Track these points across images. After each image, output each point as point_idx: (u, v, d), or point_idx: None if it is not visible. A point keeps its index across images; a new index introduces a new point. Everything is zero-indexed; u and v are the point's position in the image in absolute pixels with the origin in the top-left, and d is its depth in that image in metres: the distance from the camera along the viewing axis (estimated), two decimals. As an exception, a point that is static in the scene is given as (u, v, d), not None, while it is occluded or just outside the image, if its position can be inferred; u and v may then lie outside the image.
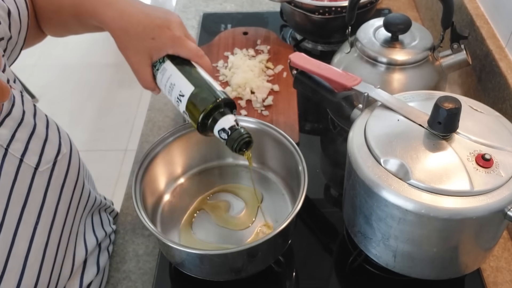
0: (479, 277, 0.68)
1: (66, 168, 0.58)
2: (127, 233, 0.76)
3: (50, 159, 0.56)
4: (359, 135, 0.59)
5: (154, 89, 0.64)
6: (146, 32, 0.60)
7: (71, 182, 0.59)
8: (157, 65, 0.62)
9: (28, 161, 0.53)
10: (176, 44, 0.61)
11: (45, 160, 0.55)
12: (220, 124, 0.57)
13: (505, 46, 0.80)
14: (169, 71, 0.60)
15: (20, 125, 0.52)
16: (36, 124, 0.55)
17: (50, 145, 0.56)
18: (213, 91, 0.58)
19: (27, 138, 0.53)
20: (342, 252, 0.72)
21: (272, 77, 0.97)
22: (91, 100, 2.45)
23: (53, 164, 0.56)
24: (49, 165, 0.55)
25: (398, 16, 0.76)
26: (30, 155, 0.53)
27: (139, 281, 0.70)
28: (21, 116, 0.53)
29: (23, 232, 0.51)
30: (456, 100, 0.53)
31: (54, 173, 0.56)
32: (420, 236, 0.55)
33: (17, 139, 0.52)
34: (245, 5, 1.25)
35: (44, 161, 0.55)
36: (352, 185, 0.59)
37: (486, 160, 0.52)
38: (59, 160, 0.57)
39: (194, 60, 0.62)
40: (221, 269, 0.63)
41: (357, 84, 0.65)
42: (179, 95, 0.59)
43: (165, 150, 0.71)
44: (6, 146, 0.50)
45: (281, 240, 0.64)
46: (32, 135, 0.54)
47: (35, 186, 0.53)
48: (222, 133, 0.57)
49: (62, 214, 0.57)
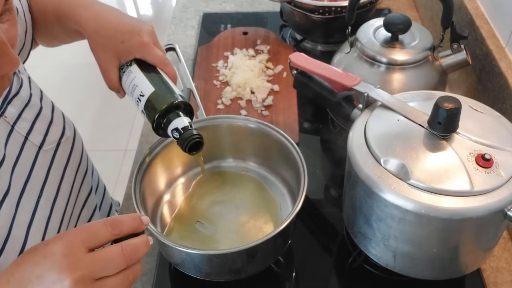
0: (479, 277, 0.68)
1: (70, 151, 0.63)
2: (127, 233, 0.76)
3: (54, 140, 0.60)
4: (359, 135, 0.59)
5: (119, 91, 0.66)
6: (116, 35, 0.62)
7: (74, 164, 0.63)
8: (124, 68, 0.64)
9: (32, 139, 0.56)
10: (144, 49, 0.62)
11: (49, 140, 0.59)
12: (174, 124, 0.59)
13: (505, 46, 0.80)
14: (134, 73, 0.63)
15: (27, 105, 0.56)
16: (42, 107, 0.60)
17: (54, 128, 0.60)
18: (171, 93, 0.61)
19: (33, 118, 0.57)
20: (342, 253, 0.72)
21: (272, 77, 0.97)
22: (91, 100, 2.45)
23: (57, 145, 0.60)
24: (53, 145, 0.59)
25: (398, 16, 0.76)
26: (35, 134, 0.57)
27: (139, 281, 0.70)
28: (29, 98, 0.57)
29: (26, 204, 0.54)
30: (456, 100, 0.53)
31: (58, 153, 0.60)
32: (420, 236, 0.55)
33: (24, 119, 0.56)
34: (245, 5, 1.25)
35: (48, 141, 0.59)
36: (352, 185, 0.59)
37: (486, 160, 0.52)
38: (63, 142, 0.61)
39: (159, 66, 0.63)
40: (221, 270, 0.63)
41: (357, 84, 0.65)
42: (139, 95, 0.61)
43: (165, 150, 0.71)
44: (12, 124, 0.54)
45: (281, 240, 0.64)
46: (38, 116, 0.58)
47: (38, 163, 0.57)
48: (175, 132, 0.59)
49: (65, 192, 0.61)
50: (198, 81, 0.97)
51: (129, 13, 3.42)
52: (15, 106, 0.55)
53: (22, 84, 0.57)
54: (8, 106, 0.54)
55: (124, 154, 2.16)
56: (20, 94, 0.56)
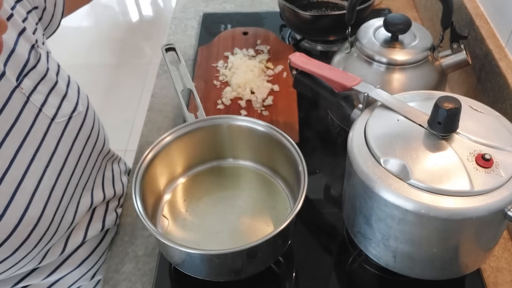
0: (479, 277, 0.68)
1: (80, 125, 0.65)
2: (126, 234, 0.76)
3: (66, 113, 0.62)
4: (359, 135, 0.59)
5: None
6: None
7: (83, 139, 0.66)
8: None
9: (46, 111, 0.59)
10: None
11: (61, 114, 0.62)
12: None
13: (505, 45, 0.80)
14: None
15: (43, 79, 0.60)
16: (58, 81, 0.62)
17: (68, 102, 0.63)
18: None
19: (47, 91, 0.60)
20: (342, 253, 0.72)
21: (272, 77, 0.97)
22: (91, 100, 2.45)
23: (69, 118, 0.63)
24: (65, 118, 0.62)
25: (398, 16, 0.76)
26: (48, 107, 0.60)
27: (139, 282, 0.70)
28: (45, 72, 0.60)
29: (32, 172, 0.57)
30: (456, 100, 0.53)
31: (68, 127, 0.63)
32: (420, 236, 0.55)
33: (39, 91, 0.59)
34: (245, 5, 1.25)
35: (61, 114, 0.61)
36: (352, 185, 0.59)
37: (486, 160, 0.52)
38: (74, 116, 0.64)
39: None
40: (221, 270, 0.63)
41: (357, 84, 0.64)
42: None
43: (165, 150, 0.71)
44: (28, 95, 0.57)
45: (281, 240, 0.64)
46: (52, 90, 0.61)
47: (50, 134, 0.60)
48: None
49: (70, 165, 0.63)
50: (198, 81, 0.97)
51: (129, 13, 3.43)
52: (31, 78, 0.58)
53: (40, 59, 0.60)
54: (25, 78, 0.57)
55: (124, 154, 2.16)
56: (37, 68, 0.59)
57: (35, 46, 0.60)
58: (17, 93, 0.56)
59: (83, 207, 0.68)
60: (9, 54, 0.56)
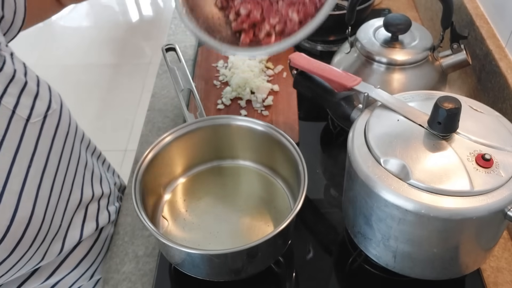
0: (479, 277, 0.68)
1: (57, 123, 0.64)
2: (126, 234, 0.76)
3: (41, 112, 0.61)
4: (359, 135, 0.59)
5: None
6: None
7: (62, 135, 0.65)
8: None
9: (20, 113, 0.58)
10: None
11: (36, 113, 0.60)
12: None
13: (505, 46, 0.80)
14: None
15: (11, 81, 0.58)
16: (27, 81, 0.61)
17: (40, 101, 0.62)
18: None
19: (18, 93, 0.59)
20: (342, 253, 0.72)
21: (272, 77, 0.97)
22: (91, 100, 2.45)
23: (44, 117, 0.62)
24: (40, 118, 0.61)
25: (398, 16, 0.76)
26: (21, 108, 0.59)
27: (139, 282, 0.70)
28: (13, 73, 0.59)
29: (16, 173, 0.57)
30: (456, 100, 0.53)
31: (45, 126, 0.62)
32: (420, 236, 0.55)
33: (9, 93, 0.58)
34: (245, 5, 1.25)
35: (35, 114, 0.60)
36: (352, 185, 0.59)
37: (486, 160, 0.52)
38: (49, 114, 0.63)
39: None
40: (221, 270, 0.63)
41: (357, 84, 0.64)
42: None
43: (165, 150, 0.71)
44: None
45: (281, 240, 0.64)
46: (23, 91, 0.60)
47: (27, 135, 0.59)
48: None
49: (53, 162, 0.63)
50: (198, 81, 0.97)
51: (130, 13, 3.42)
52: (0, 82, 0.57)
53: (5, 61, 0.59)
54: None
55: (124, 154, 2.16)
56: (3, 70, 0.58)
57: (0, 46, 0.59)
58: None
59: (73, 204, 0.67)
60: None
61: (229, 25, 0.66)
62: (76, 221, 0.69)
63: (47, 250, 0.64)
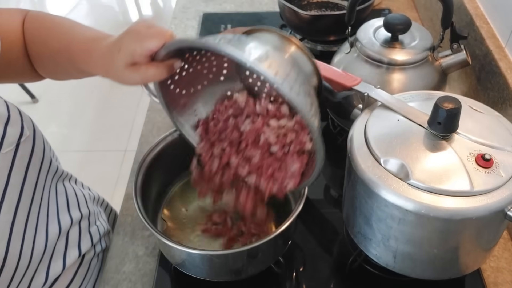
0: (479, 277, 0.68)
1: (30, 150, 0.59)
2: (127, 234, 0.76)
3: (13, 141, 0.56)
4: (359, 135, 0.59)
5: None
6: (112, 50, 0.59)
7: (37, 163, 0.60)
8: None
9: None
10: (140, 41, 0.55)
11: (7, 142, 0.55)
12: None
13: (504, 46, 0.80)
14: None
15: None
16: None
17: (12, 127, 0.56)
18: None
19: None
20: (342, 253, 0.72)
21: (272, 77, 0.97)
22: (91, 100, 2.45)
23: (16, 145, 0.56)
24: (12, 147, 0.55)
25: (398, 17, 0.76)
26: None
27: (139, 282, 0.70)
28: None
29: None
30: (456, 100, 0.53)
31: (18, 155, 0.56)
32: (420, 236, 0.55)
33: None
34: (245, 5, 1.25)
35: (7, 143, 0.55)
36: (352, 185, 0.59)
37: (486, 160, 0.52)
38: (22, 142, 0.57)
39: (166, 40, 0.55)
40: (222, 270, 0.63)
41: (357, 84, 0.65)
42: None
43: (165, 150, 0.71)
44: None
45: (281, 241, 0.64)
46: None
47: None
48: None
49: (28, 193, 0.58)
50: (198, 81, 0.97)
51: (129, 13, 3.41)
52: None
53: None
54: None
55: (124, 154, 2.16)
56: None
57: None
58: None
59: (53, 234, 0.64)
60: None
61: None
62: (58, 250, 0.66)
63: (30, 283, 0.61)
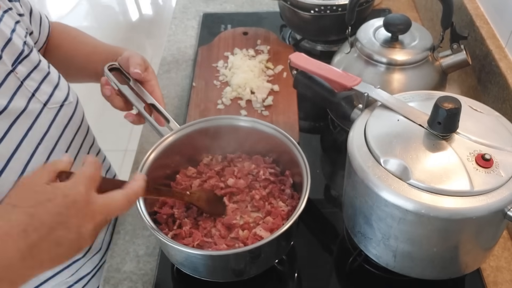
0: (479, 276, 0.68)
1: (71, 114, 0.69)
2: (127, 233, 0.76)
3: (58, 101, 0.67)
4: (359, 135, 0.59)
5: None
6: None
7: (74, 127, 0.70)
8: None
9: (39, 97, 0.64)
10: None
11: (53, 101, 0.66)
12: None
13: (505, 46, 0.80)
14: None
15: (36, 68, 0.65)
16: (50, 72, 0.68)
17: (59, 91, 0.67)
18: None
19: (40, 79, 0.65)
20: (342, 252, 0.72)
21: (272, 77, 0.97)
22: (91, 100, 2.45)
23: (60, 106, 0.67)
24: (57, 105, 0.66)
25: (398, 17, 0.76)
26: (41, 93, 0.64)
27: (140, 281, 0.70)
28: (38, 62, 0.66)
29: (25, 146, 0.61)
30: (456, 100, 0.53)
31: (60, 113, 0.67)
32: (420, 236, 0.55)
33: (32, 78, 0.63)
34: (245, 5, 1.25)
35: (53, 101, 0.66)
36: (352, 185, 0.59)
37: (486, 160, 0.52)
38: (66, 104, 0.68)
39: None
40: (223, 270, 0.63)
41: (357, 84, 0.65)
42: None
43: (166, 150, 0.71)
44: (22, 80, 0.62)
45: (283, 241, 0.64)
46: (44, 79, 0.66)
47: (41, 117, 0.64)
48: None
49: (61, 148, 0.67)
50: (199, 81, 0.97)
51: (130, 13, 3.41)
52: (25, 66, 0.63)
53: (32, 50, 0.65)
54: (19, 65, 0.62)
55: (124, 154, 2.16)
56: (30, 57, 0.64)
57: (26, 40, 0.66)
58: (12, 77, 0.61)
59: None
60: (6, 42, 0.61)
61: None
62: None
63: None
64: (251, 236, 0.63)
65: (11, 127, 0.60)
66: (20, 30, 0.66)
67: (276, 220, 0.65)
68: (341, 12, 0.94)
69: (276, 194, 0.70)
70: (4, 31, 0.62)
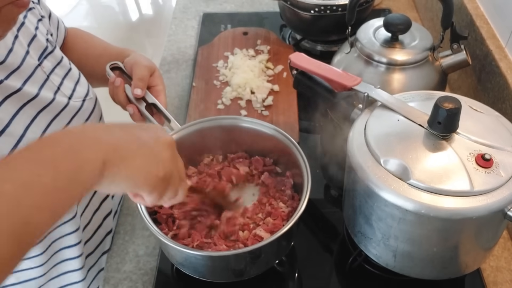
0: (479, 276, 0.68)
1: (91, 110, 0.72)
2: (127, 233, 0.76)
3: (81, 96, 0.70)
4: (359, 135, 0.59)
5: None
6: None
7: (95, 121, 0.73)
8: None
9: (64, 91, 0.67)
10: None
11: (76, 95, 0.69)
12: None
13: (505, 46, 0.80)
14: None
15: (59, 64, 0.68)
16: (72, 68, 0.71)
17: (80, 87, 0.71)
18: None
19: (63, 75, 0.68)
20: (342, 252, 0.72)
21: (272, 77, 0.97)
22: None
23: (83, 101, 0.70)
24: (80, 100, 0.69)
25: (398, 17, 0.76)
26: (65, 88, 0.68)
27: (140, 281, 0.70)
28: (61, 58, 0.69)
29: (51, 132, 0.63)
30: (456, 100, 0.53)
31: (83, 107, 0.70)
32: (420, 236, 0.55)
33: (56, 73, 0.67)
34: (245, 5, 1.25)
35: (76, 96, 0.69)
36: (352, 185, 0.59)
37: (486, 160, 0.52)
38: (87, 100, 0.71)
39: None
40: (223, 271, 0.63)
41: (357, 84, 0.65)
42: None
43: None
44: (48, 74, 0.65)
45: (284, 242, 0.64)
46: (67, 75, 0.69)
47: (66, 110, 0.66)
48: None
49: None
50: (199, 81, 0.97)
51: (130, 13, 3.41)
52: (50, 61, 0.67)
53: (55, 47, 0.69)
54: (45, 60, 0.66)
55: (125, 154, 2.16)
56: (54, 53, 0.68)
57: (48, 38, 0.69)
58: (39, 71, 0.64)
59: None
60: (32, 38, 0.65)
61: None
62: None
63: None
64: (251, 237, 0.63)
65: (38, 115, 0.62)
66: (42, 28, 0.69)
67: (277, 221, 0.65)
68: (341, 12, 0.94)
69: (276, 195, 0.70)
70: (29, 27, 0.65)
